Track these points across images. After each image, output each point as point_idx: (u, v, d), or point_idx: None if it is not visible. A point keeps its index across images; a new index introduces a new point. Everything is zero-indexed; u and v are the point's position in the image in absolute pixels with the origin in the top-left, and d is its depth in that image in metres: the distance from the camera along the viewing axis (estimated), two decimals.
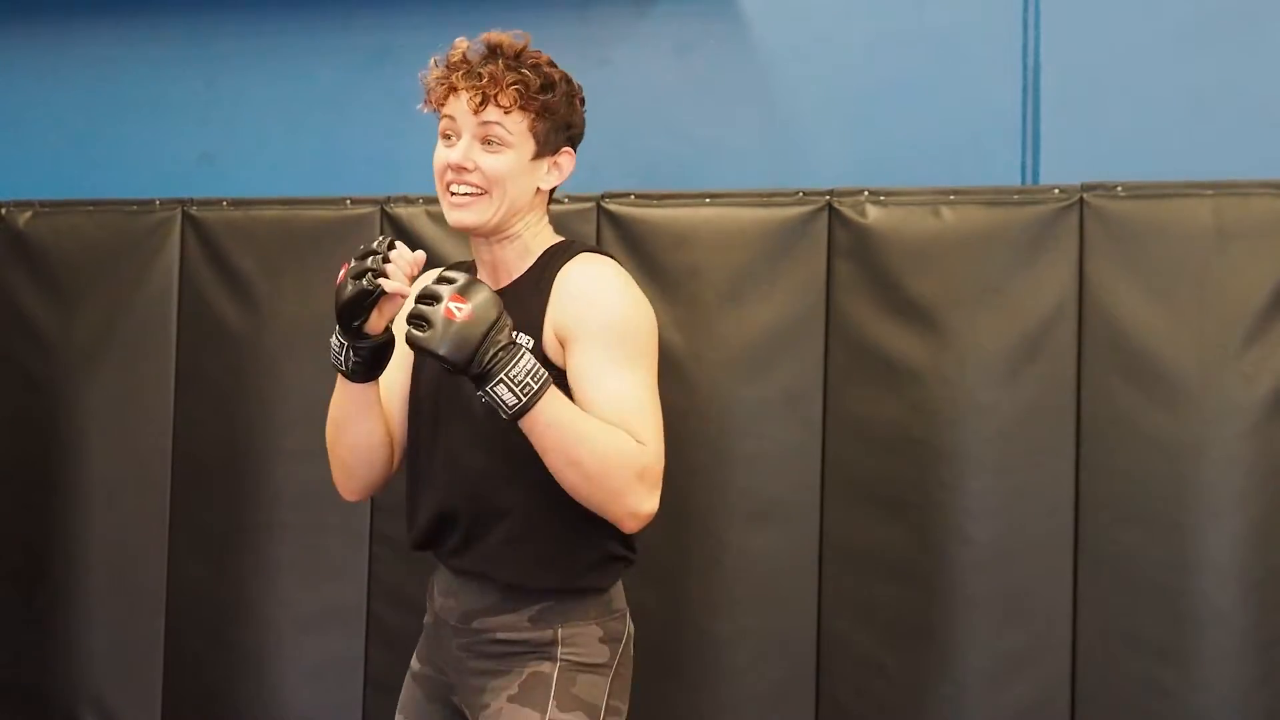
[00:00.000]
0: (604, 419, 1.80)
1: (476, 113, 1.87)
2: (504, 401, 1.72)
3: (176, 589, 3.33)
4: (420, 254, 1.86)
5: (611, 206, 3.09)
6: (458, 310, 1.69)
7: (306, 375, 3.09)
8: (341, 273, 1.85)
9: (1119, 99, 3.02)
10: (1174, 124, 2.98)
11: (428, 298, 1.72)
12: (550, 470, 1.80)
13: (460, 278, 1.74)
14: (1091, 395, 2.83)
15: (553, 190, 2.01)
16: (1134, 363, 2.81)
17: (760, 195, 3.04)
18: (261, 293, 3.21)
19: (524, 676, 1.88)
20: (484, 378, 1.71)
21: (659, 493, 1.86)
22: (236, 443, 3.26)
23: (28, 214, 3.44)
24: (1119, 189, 2.84)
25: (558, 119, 1.93)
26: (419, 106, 2.00)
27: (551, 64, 1.97)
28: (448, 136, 1.93)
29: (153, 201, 3.36)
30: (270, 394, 3.21)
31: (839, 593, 2.93)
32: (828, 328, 2.96)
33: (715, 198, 3.06)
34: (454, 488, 1.93)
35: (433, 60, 1.97)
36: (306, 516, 3.17)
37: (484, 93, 1.86)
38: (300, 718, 3.23)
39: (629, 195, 3.10)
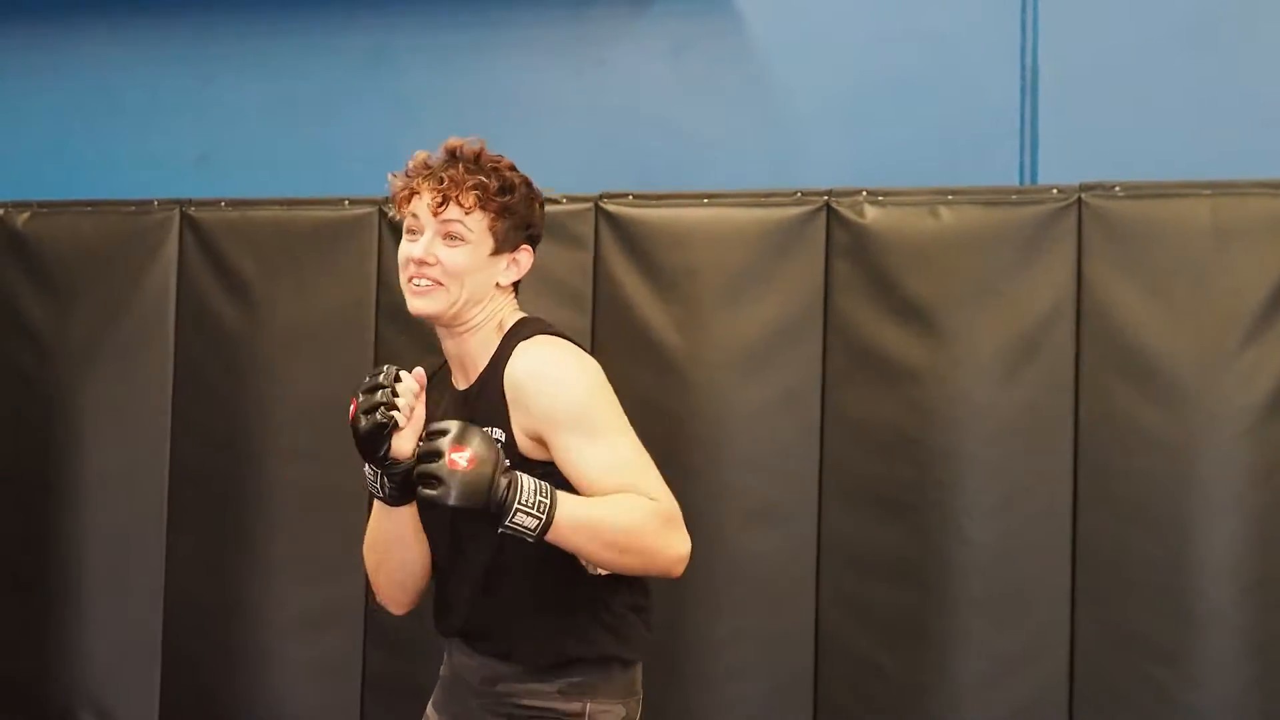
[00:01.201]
0: (610, 492, 1.87)
1: (437, 213, 1.94)
2: (527, 528, 1.78)
3: (174, 588, 3.31)
4: (419, 371, 1.93)
5: (609, 207, 3.07)
6: (461, 460, 1.74)
7: (304, 375, 3.12)
8: (352, 408, 1.90)
9: (1117, 99, 3.03)
10: (1172, 124, 3.00)
11: (430, 455, 1.77)
12: (587, 559, 1.88)
13: (452, 427, 1.78)
14: (1089, 395, 2.83)
15: (515, 284, 2.06)
16: (1132, 363, 2.81)
17: (758, 195, 3.03)
18: (259, 293, 3.19)
19: None
20: (501, 515, 1.77)
21: (685, 530, 1.94)
22: (234, 443, 3.25)
23: (25, 214, 3.43)
24: (1117, 189, 2.85)
25: (517, 219, 2.00)
26: (392, 215, 2.13)
27: (512, 168, 2.03)
28: (412, 233, 1.99)
29: (150, 202, 3.36)
30: (268, 394, 3.20)
31: (837, 593, 2.92)
32: (826, 328, 2.96)
33: (713, 198, 3.06)
34: (464, 587, 2.02)
35: (391, 175, 2.05)
36: (303, 517, 3.17)
37: (444, 194, 1.94)
38: (297, 717, 3.23)
39: (627, 195, 3.09)
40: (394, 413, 1.84)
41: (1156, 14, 3.03)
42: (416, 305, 1.96)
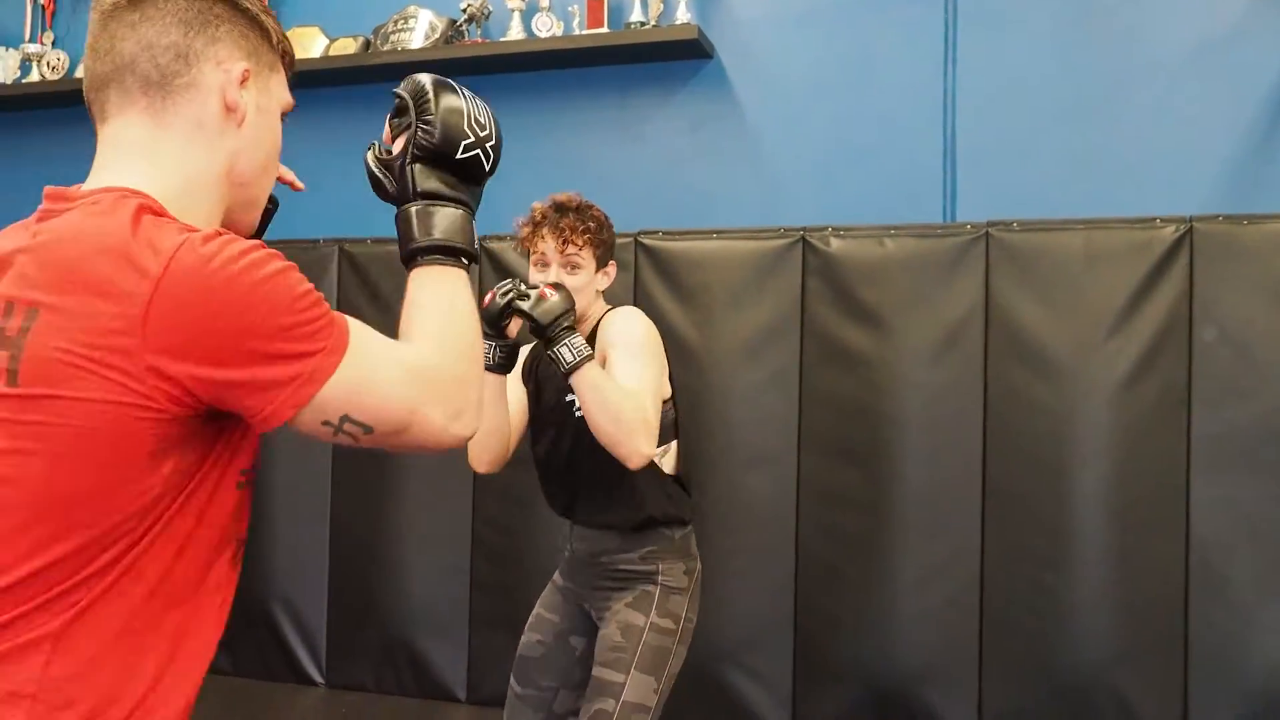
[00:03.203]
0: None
1: (561, 250, 2.03)
2: (564, 358, 1.84)
3: (337, 515, 3.33)
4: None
5: (645, 240, 3.12)
6: (548, 293, 1.88)
7: None
8: (487, 297, 1.96)
9: (1014, 158, 2.98)
10: (1055, 176, 2.95)
11: (532, 286, 1.90)
12: (584, 415, 1.87)
13: (558, 283, 1.92)
14: (995, 375, 2.84)
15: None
16: (1026, 351, 2.82)
17: (752, 231, 3.06)
18: (396, 310, 3.21)
19: (636, 593, 2.03)
20: (553, 340, 1.84)
21: (655, 442, 1.94)
22: None
23: None
24: (1015, 224, 2.86)
25: (606, 247, 2.10)
26: (514, 248, 2.14)
27: (601, 212, 2.11)
28: (541, 265, 2.06)
29: (317, 240, 3.33)
30: None
31: (811, 519, 2.94)
32: (802, 328, 2.98)
33: (720, 233, 3.09)
34: (569, 480, 2.09)
35: (518, 221, 2.11)
36: (428, 460, 3.08)
37: (565, 238, 2.02)
38: (425, 608, 3.24)
39: (658, 232, 3.12)
40: (517, 297, 1.91)
41: (1044, 95, 2.97)
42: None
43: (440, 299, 1.00)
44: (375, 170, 1.07)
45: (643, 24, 3.19)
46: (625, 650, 1.96)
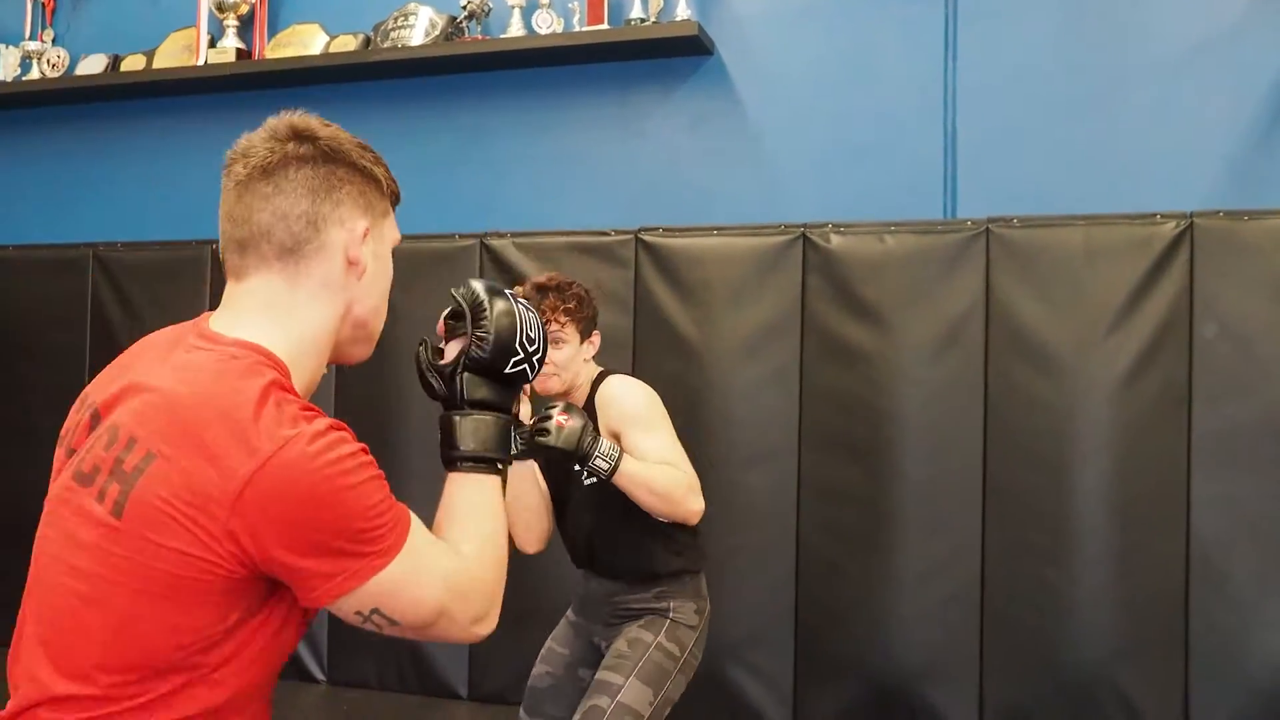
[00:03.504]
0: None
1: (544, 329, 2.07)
2: (600, 469, 1.96)
3: None
4: None
5: (646, 237, 3.12)
6: (564, 421, 1.93)
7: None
8: None
9: (1015, 154, 2.97)
10: (1055, 173, 2.93)
11: (545, 418, 1.94)
12: (637, 501, 2.00)
13: (560, 404, 1.99)
14: (995, 372, 2.84)
15: (593, 356, 2.21)
16: (1026, 348, 2.81)
17: (753, 228, 3.06)
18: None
19: (646, 619, 2.12)
20: (585, 458, 1.95)
21: (701, 494, 2.08)
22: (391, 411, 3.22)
23: None
24: (1015, 220, 2.85)
25: (588, 319, 2.18)
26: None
27: (580, 287, 2.18)
28: None
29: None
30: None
31: (812, 515, 2.94)
32: (803, 324, 2.98)
33: (720, 230, 3.08)
34: (583, 540, 2.18)
35: None
36: (430, 460, 3.13)
37: (548, 317, 2.09)
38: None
39: (658, 229, 3.12)
40: (537, 433, 1.99)
41: (1045, 91, 2.96)
42: (544, 386, 2.12)
43: (476, 508, 1.09)
44: (426, 373, 1.16)
45: (643, 20, 3.19)
46: (628, 658, 2.04)
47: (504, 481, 1.15)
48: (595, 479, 2.02)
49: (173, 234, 3.63)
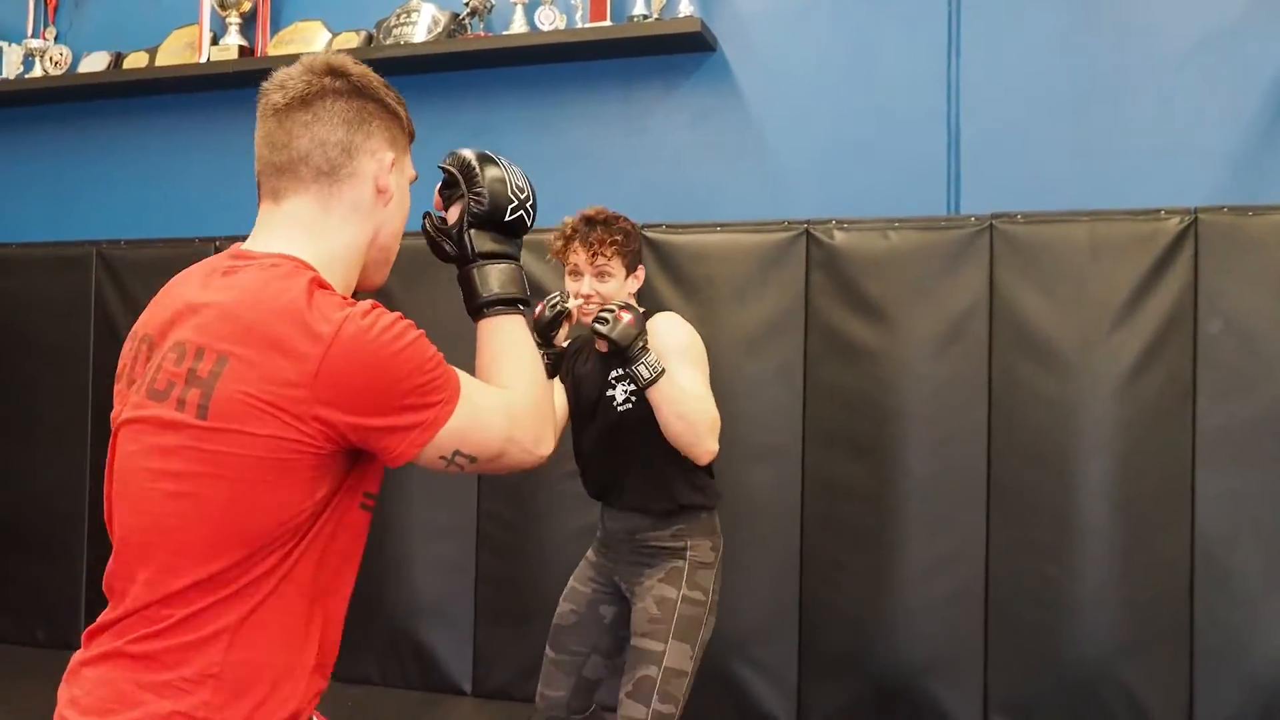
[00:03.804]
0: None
1: (593, 262, 2.18)
2: (642, 375, 2.02)
3: None
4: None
5: (649, 233, 3.10)
6: (625, 316, 2.03)
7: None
8: (537, 309, 2.13)
9: (1018, 150, 2.97)
10: (1059, 168, 2.93)
11: (609, 310, 2.04)
12: (661, 422, 2.05)
13: (624, 302, 2.10)
14: (999, 368, 2.84)
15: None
16: (1030, 344, 2.81)
17: (756, 224, 3.06)
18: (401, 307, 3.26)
19: (667, 569, 2.17)
20: (632, 359, 2.02)
21: (718, 440, 2.12)
22: None
23: None
24: (1019, 216, 2.85)
25: (634, 253, 2.25)
26: (546, 258, 2.29)
27: (628, 220, 2.24)
28: (574, 274, 2.21)
29: None
30: None
31: (815, 512, 2.94)
32: (807, 320, 2.97)
33: (724, 226, 3.08)
34: (606, 468, 2.23)
35: (555, 235, 2.23)
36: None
37: (596, 250, 2.17)
38: (431, 602, 3.25)
39: (661, 225, 3.12)
40: (568, 304, 2.13)
41: (1048, 87, 2.95)
42: (589, 317, 2.16)
43: (511, 346, 1.21)
44: (435, 237, 1.27)
45: (646, 17, 3.18)
46: (662, 621, 2.11)
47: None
48: (632, 387, 2.08)
49: (176, 231, 3.63)
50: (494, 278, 1.22)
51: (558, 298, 2.16)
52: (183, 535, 1.06)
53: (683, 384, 2.07)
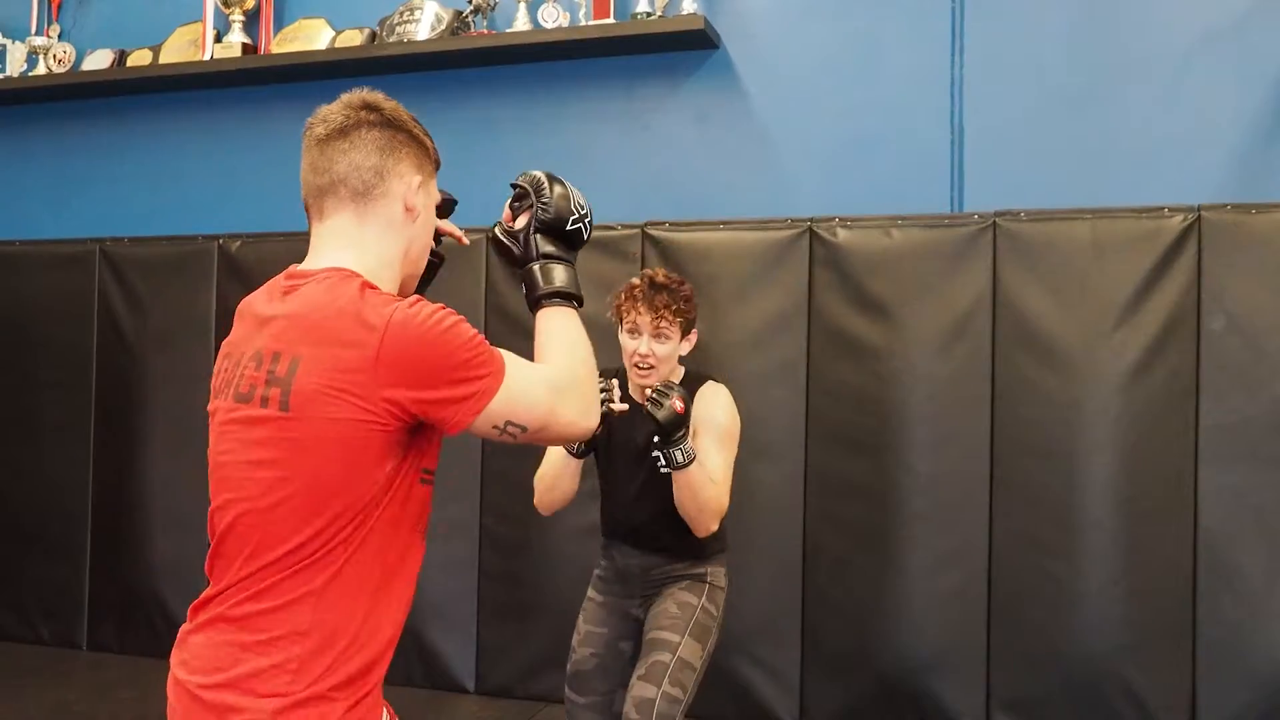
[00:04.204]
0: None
1: (654, 324, 2.22)
2: (676, 460, 2.09)
3: None
4: (616, 384, 2.16)
5: (652, 231, 3.12)
6: (678, 405, 2.07)
7: None
8: None
9: (1022, 148, 2.97)
10: (1062, 166, 2.93)
11: (666, 389, 2.08)
12: (676, 499, 2.14)
13: (682, 390, 2.11)
14: (1002, 365, 2.84)
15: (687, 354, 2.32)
16: (1033, 341, 2.81)
17: (759, 222, 3.06)
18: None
19: (686, 583, 2.26)
20: (674, 444, 2.08)
21: (722, 518, 2.19)
22: None
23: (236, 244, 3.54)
24: (1022, 214, 2.85)
25: (691, 318, 2.28)
26: (608, 315, 2.28)
27: (690, 286, 2.30)
28: (632, 332, 2.24)
29: None
30: None
31: (818, 509, 2.95)
32: (809, 318, 2.98)
33: (727, 224, 3.09)
34: (641, 512, 2.27)
35: (619, 293, 2.28)
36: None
37: (659, 314, 2.21)
38: (433, 599, 3.20)
39: (664, 223, 3.13)
40: (614, 402, 2.09)
41: (1052, 84, 2.95)
42: (641, 380, 2.22)
43: (564, 331, 1.36)
44: (503, 239, 1.43)
45: (649, 14, 3.18)
46: (681, 619, 2.19)
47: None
48: (663, 465, 2.13)
49: (179, 228, 3.64)
50: (553, 275, 1.38)
51: (604, 388, 2.09)
52: (275, 513, 1.22)
53: (709, 467, 2.14)
